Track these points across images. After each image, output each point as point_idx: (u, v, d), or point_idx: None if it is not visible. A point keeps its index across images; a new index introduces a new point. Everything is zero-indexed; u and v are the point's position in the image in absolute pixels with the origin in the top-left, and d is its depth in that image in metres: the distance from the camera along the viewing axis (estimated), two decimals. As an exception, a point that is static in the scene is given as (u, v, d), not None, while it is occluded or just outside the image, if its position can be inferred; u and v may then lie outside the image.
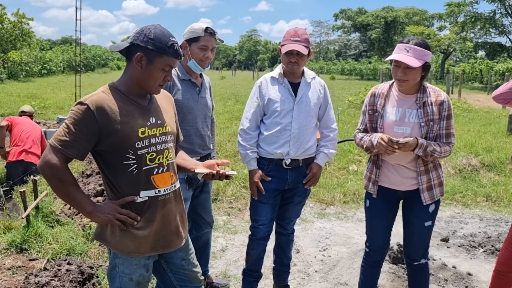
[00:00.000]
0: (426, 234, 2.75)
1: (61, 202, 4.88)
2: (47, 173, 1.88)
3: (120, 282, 2.05)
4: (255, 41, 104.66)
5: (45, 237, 3.88)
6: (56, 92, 18.87)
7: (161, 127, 2.05)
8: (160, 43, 1.92)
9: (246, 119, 3.07)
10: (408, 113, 2.59)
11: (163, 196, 2.04)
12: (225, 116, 12.32)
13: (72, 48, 43.17)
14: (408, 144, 2.46)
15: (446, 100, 2.58)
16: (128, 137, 1.92)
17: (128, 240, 1.99)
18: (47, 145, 1.92)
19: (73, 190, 1.91)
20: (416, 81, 2.55)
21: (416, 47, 2.48)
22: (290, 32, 2.92)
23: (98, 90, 1.97)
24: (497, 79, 31.42)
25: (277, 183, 3.02)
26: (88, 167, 6.66)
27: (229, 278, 3.63)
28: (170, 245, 2.12)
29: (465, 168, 7.11)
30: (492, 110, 15.78)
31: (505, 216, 5.37)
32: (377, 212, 2.83)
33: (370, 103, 2.75)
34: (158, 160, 2.02)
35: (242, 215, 5.14)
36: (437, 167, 2.68)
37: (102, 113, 1.88)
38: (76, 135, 1.86)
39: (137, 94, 2.02)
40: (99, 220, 1.94)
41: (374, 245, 2.88)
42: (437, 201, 2.72)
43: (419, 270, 2.81)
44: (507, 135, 9.97)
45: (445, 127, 2.60)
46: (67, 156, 1.88)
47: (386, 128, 2.64)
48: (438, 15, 51.65)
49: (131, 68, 1.98)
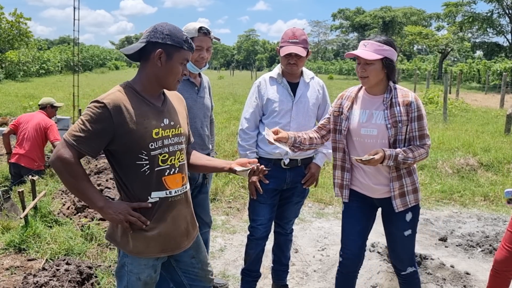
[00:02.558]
0: (408, 243, 2.64)
1: (60, 202, 4.88)
2: (59, 167, 1.88)
3: (127, 281, 2.06)
4: (253, 41, 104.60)
5: (43, 237, 3.88)
6: (54, 92, 18.83)
7: (174, 128, 2.06)
8: (176, 38, 1.96)
9: (245, 119, 3.08)
10: (375, 114, 2.51)
11: (174, 197, 2.05)
12: (223, 116, 12.33)
13: (69, 48, 43.10)
14: (374, 160, 2.33)
15: (414, 101, 2.47)
16: (142, 137, 1.93)
17: (138, 240, 2.00)
18: (61, 140, 1.91)
19: (85, 185, 1.91)
20: (378, 77, 2.48)
21: (374, 42, 2.44)
22: (288, 34, 2.91)
23: (113, 89, 1.98)
24: (495, 79, 31.49)
25: (275, 183, 3.03)
26: (86, 167, 6.66)
27: (227, 278, 3.64)
28: (179, 247, 2.13)
29: (463, 168, 7.12)
30: (489, 110, 15.82)
31: (502, 215, 5.39)
32: (351, 218, 2.71)
33: (336, 105, 2.68)
34: (170, 162, 2.03)
35: (240, 215, 5.14)
36: (411, 172, 2.56)
37: (118, 113, 1.89)
38: (91, 132, 1.87)
39: (152, 94, 2.03)
40: (109, 217, 1.93)
41: (348, 253, 2.71)
42: (414, 208, 2.60)
43: (409, 279, 2.70)
44: (504, 134, 9.99)
45: (417, 128, 2.48)
46: (80, 152, 1.89)
47: (353, 130, 2.57)
48: (436, 15, 51.71)
49: (148, 66, 1.99)
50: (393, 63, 2.48)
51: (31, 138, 5.90)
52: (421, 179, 6.68)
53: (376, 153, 2.36)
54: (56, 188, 5.54)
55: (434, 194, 6.12)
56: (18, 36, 30.30)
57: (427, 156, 2.52)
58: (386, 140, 2.48)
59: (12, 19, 29.69)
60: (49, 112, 6.33)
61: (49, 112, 6.33)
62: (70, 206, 4.79)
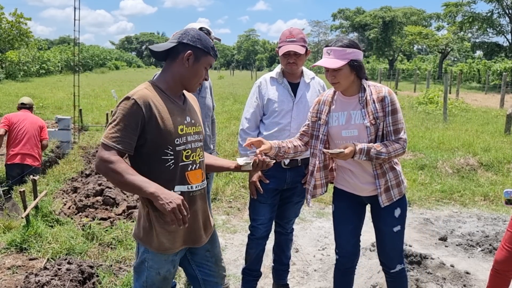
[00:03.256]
0: (397, 239, 2.66)
1: (61, 202, 4.90)
2: (103, 170, 1.94)
3: (146, 277, 2.13)
4: (253, 41, 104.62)
5: (44, 236, 3.89)
6: (54, 92, 18.87)
7: (195, 126, 2.17)
8: (205, 43, 2.08)
9: (245, 119, 3.09)
10: (353, 115, 2.52)
11: (194, 192, 2.14)
12: (224, 116, 12.35)
13: (70, 48, 43.14)
14: (343, 154, 2.35)
15: (387, 95, 2.47)
16: (169, 133, 2.02)
17: (164, 237, 2.07)
18: (100, 144, 1.97)
19: (131, 178, 1.91)
20: (348, 80, 2.49)
21: (336, 48, 2.45)
22: (285, 33, 2.93)
23: (141, 86, 2.05)
24: (495, 79, 31.51)
25: (276, 183, 3.04)
26: (87, 167, 6.67)
27: (228, 278, 3.65)
28: (200, 240, 2.21)
29: (463, 168, 7.14)
30: (489, 109, 15.83)
31: (502, 215, 5.40)
32: (342, 217, 2.74)
33: (314, 110, 2.69)
34: (192, 158, 2.12)
35: (241, 215, 5.15)
36: (394, 167, 2.56)
37: (148, 108, 1.97)
38: (127, 130, 1.94)
39: (175, 93, 2.12)
40: (159, 204, 1.89)
41: (342, 251, 2.76)
42: (402, 204, 2.62)
43: (397, 277, 2.72)
44: (504, 134, 10.01)
45: (391, 123, 2.47)
46: (120, 152, 1.94)
47: (334, 133, 2.57)
48: (436, 15, 51.59)
49: (175, 66, 2.08)
50: (359, 63, 2.49)
51: (32, 137, 5.96)
52: (421, 179, 6.70)
53: (346, 147, 2.39)
54: (57, 188, 5.56)
55: (434, 193, 6.14)
56: (18, 36, 30.32)
57: (403, 151, 2.50)
58: (367, 139, 2.49)
59: (12, 19, 29.71)
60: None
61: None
62: (71, 206, 4.80)
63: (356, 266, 2.87)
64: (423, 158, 7.66)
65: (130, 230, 4.23)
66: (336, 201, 2.79)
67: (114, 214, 4.70)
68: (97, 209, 4.73)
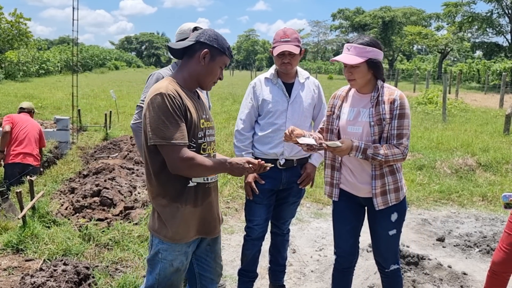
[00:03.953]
0: (392, 242, 2.66)
1: (58, 202, 4.89)
2: (186, 169, 2.04)
3: (160, 269, 2.18)
4: (253, 41, 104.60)
5: (41, 237, 3.88)
6: (54, 92, 18.85)
7: (209, 121, 2.27)
8: (222, 43, 2.17)
9: (240, 120, 3.09)
10: (362, 112, 2.53)
11: (209, 184, 2.22)
12: (223, 116, 12.34)
13: (69, 48, 43.07)
14: (339, 148, 2.36)
15: (397, 99, 2.46)
16: (195, 125, 2.12)
17: (178, 227, 2.13)
18: (165, 149, 2.02)
19: (211, 163, 2.07)
20: (365, 79, 2.50)
21: (357, 45, 2.45)
22: (279, 34, 2.93)
23: (165, 82, 2.11)
24: (494, 79, 31.48)
25: (271, 184, 3.03)
26: (85, 167, 6.67)
27: (225, 278, 3.64)
28: (213, 231, 2.29)
29: (461, 168, 7.13)
30: (489, 110, 15.82)
31: (500, 215, 5.39)
32: (340, 217, 2.74)
33: (329, 105, 2.72)
34: (208, 151, 2.22)
35: (238, 215, 5.14)
36: (394, 171, 2.55)
37: (181, 100, 2.06)
38: (178, 123, 2.03)
39: (191, 89, 2.20)
40: (237, 169, 2.11)
41: (341, 251, 2.78)
42: (399, 209, 2.60)
43: (392, 276, 2.72)
44: (503, 135, 10.00)
45: (396, 126, 2.45)
46: (184, 146, 2.03)
47: (341, 128, 2.60)
48: (435, 15, 51.56)
49: (192, 64, 2.16)
50: (378, 63, 2.49)
51: (33, 138, 6.12)
52: (419, 179, 6.69)
53: (343, 142, 2.39)
54: (54, 188, 5.55)
55: (432, 194, 6.13)
56: (17, 36, 30.28)
57: (403, 158, 2.46)
58: (370, 138, 2.49)
59: (12, 19, 29.68)
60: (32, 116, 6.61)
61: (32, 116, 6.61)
62: (68, 207, 4.79)
63: (354, 266, 2.87)
64: (422, 159, 7.65)
65: (127, 231, 4.23)
66: (335, 201, 2.78)
67: (111, 214, 4.69)
68: (94, 209, 4.72)
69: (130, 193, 5.26)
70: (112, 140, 8.68)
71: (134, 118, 2.95)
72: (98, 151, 8.01)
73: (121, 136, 9.11)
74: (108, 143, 8.55)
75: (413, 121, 12.38)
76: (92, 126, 10.64)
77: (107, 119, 9.74)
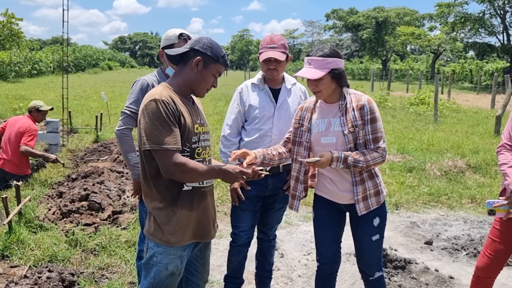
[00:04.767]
0: (376, 248, 2.67)
1: (45, 207, 4.85)
2: (179, 174, 2.06)
3: (155, 272, 2.20)
4: (247, 41, 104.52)
5: (27, 243, 3.85)
6: (45, 93, 18.74)
7: (204, 126, 2.30)
8: (216, 51, 2.19)
9: (227, 126, 3.08)
10: (333, 122, 2.54)
11: (204, 187, 2.26)
12: (215, 118, 12.32)
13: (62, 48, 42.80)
14: (320, 162, 2.38)
15: (366, 104, 2.48)
16: (189, 130, 2.15)
17: (174, 231, 2.16)
18: (158, 154, 2.05)
19: (203, 168, 2.11)
20: (330, 89, 2.52)
21: (317, 58, 2.46)
22: (266, 40, 2.93)
23: (159, 88, 2.15)
24: (487, 79, 31.71)
25: (257, 190, 3.03)
26: (74, 171, 6.62)
27: (212, 284, 3.63)
28: (209, 235, 2.33)
29: (451, 170, 7.16)
30: (481, 110, 15.92)
31: (488, 218, 5.42)
32: (322, 225, 2.75)
33: (297, 117, 2.72)
34: (203, 155, 2.25)
35: (227, 219, 5.12)
36: (373, 176, 2.57)
37: (175, 105, 2.09)
38: (171, 129, 2.06)
39: (185, 95, 2.24)
40: (229, 176, 2.16)
41: (324, 259, 2.79)
42: (381, 213, 2.63)
43: (376, 284, 2.73)
44: (494, 136, 10.06)
45: (370, 131, 2.48)
46: (176, 151, 2.06)
47: (314, 140, 2.60)
48: (428, 16, 51.77)
49: (185, 70, 2.21)
50: (340, 72, 2.50)
51: (13, 143, 5.77)
52: (409, 182, 6.71)
53: (322, 155, 2.41)
54: (42, 192, 5.51)
55: (421, 196, 6.15)
56: (9, 37, 30.09)
57: (382, 160, 2.51)
58: (346, 147, 2.50)
59: (4, 19, 29.49)
60: (35, 116, 6.14)
61: (35, 116, 6.14)
62: (55, 211, 4.76)
63: (337, 272, 2.89)
64: (412, 161, 7.68)
65: (115, 236, 4.21)
66: (316, 208, 2.80)
67: (99, 219, 4.66)
68: (82, 214, 4.69)
69: (119, 197, 5.24)
70: (103, 143, 8.64)
71: (119, 124, 2.93)
72: (88, 154, 7.96)
73: (112, 138, 9.06)
74: (98, 145, 8.50)
75: (405, 122, 12.44)
76: (83, 128, 10.57)
77: (98, 121, 9.69)
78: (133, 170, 2.94)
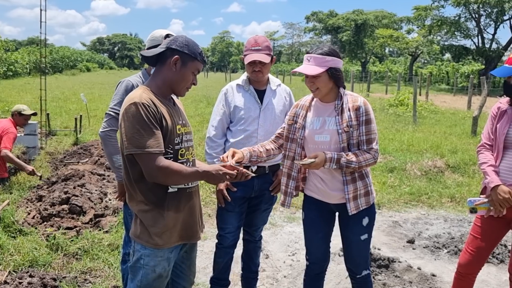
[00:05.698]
0: (364, 247, 2.70)
1: (24, 211, 4.74)
2: (163, 177, 2.05)
3: (142, 275, 2.18)
4: (228, 43, 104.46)
5: (6, 248, 3.76)
6: (22, 95, 18.32)
7: (186, 127, 2.29)
8: (193, 49, 2.18)
9: (212, 127, 3.07)
10: (328, 121, 2.57)
11: (190, 188, 2.24)
12: (196, 119, 12.26)
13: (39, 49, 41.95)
14: (314, 163, 2.40)
15: (362, 105, 2.53)
16: (171, 132, 2.13)
17: (161, 232, 2.14)
18: (141, 158, 2.02)
19: (188, 170, 2.09)
20: (327, 87, 2.54)
21: (317, 56, 2.50)
22: (251, 42, 2.93)
23: (138, 91, 2.11)
24: (463, 81, 32.44)
25: (243, 191, 3.02)
26: (53, 174, 6.50)
27: (197, 286, 3.61)
28: (195, 236, 2.31)
29: (431, 170, 7.29)
30: (457, 111, 16.26)
31: (468, 216, 5.53)
32: (312, 225, 2.77)
33: (291, 113, 2.73)
34: (186, 156, 2.23)
35: (212, 221, 5.10)
36: (364, 176, 2.60)
37: (155, 107, 2.07)
38: (153, 131, 2.04)
39: (165, 96, 2.21)
40: (212, 177, 2.12)
41: (312, 258, 2.82)
42: (370, 213, 2.66)
43: (363, 282, 2.77)
44: (471, 136, 10.29)
45: (364, 132, 2.52)
46: (159, 154, 2.04)
47: (308, 138, 2.61)
48: (406, 19, 52.56)
49: (164, 70, 2.18)
50: (338, 72, 2.54)
51: None
52: (390, 182, 6.81)
53: (316, 156, 2.42)
54: (21, 196, 5.38)
55: (403, 196, 6.24)
56: (-17, 37, 29.33)
57: (374, 161, 2.54)
58: (339, 145, 2.53)
59: (-23, 19, 28.71)
60: (16, 120, 6.04)
61: (16, 120, 6.04)
62: (35, 215, 4.65)
63: (326, 271, 2.91)
64: (393, 161, 7.79)
65: (97, 239, 4.14)
66: (306, 209, 2.81)
67: (81, 222, 4.58)
68: (63, 218, 4.60)
69: (100, 200, 5.16)
70: (83, 145, 8.50)
71: (103, 126, 2.89)
72: (67, 156, 7.82)
73: (92, 140, 8.92)
74: (78, 148, 8.37)
75: (385, 123, 12.60)
76: (61, 130, 10.37)
77: (77, 123, 9.53)
78: (117, 172, 2.90)
